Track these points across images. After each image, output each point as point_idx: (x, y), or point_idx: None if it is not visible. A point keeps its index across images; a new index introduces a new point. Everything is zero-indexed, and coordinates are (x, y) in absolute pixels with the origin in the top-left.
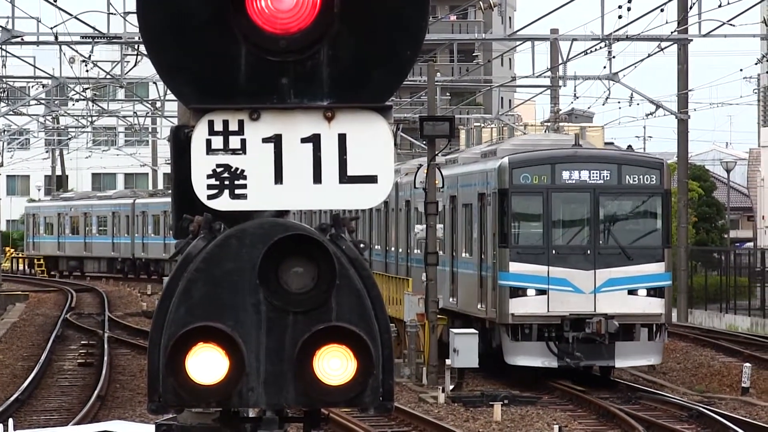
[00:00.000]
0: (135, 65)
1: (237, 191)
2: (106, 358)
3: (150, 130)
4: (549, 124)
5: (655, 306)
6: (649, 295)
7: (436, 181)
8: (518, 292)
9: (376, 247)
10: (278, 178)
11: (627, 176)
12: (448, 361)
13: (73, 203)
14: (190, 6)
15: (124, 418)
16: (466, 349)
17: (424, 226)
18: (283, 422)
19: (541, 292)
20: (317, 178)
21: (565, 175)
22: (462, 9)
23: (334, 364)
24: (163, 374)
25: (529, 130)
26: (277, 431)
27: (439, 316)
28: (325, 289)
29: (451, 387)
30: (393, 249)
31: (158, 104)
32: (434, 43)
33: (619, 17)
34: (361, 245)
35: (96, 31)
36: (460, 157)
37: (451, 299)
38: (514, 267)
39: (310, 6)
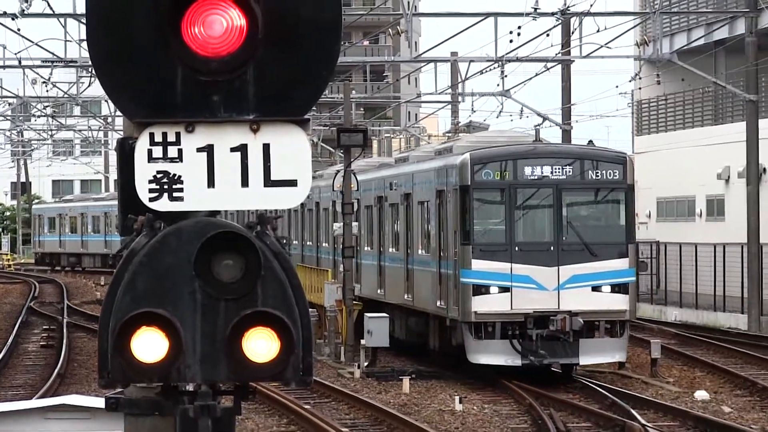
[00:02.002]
0: (89, 86)
1: (175, 194)
2: (65, 341)
3: (102, 142)
4: (450, 134)
5: (620, 302)
6: (613, 291)
7: (352, 185)
8: (481, 289)
9: (308, 243)
10: (211, 182)
11: (590, 171)
12: (362, 341)
13: (72, 204)
14: (133, 34)
15: (81, 393)
16: (378, 330)
17: (341, 224)
18: (216, 395)
19: (504, 289)
20: (245, 182)
21: (527, 170)
22: (374, 35)
23: (260, 344)
24: (111, 354)
25: (433, 140)
26: (211, 402)
27: (355, 302)
28: (252, 279)
29: (366, 364)
30: (310, 243)
31: (109, 119)
32: (349, 64)
33: (510, 41)
34: (283, 240)
35: (55, 56)
36: (411, 155)
37: (406, 296)
38: (477, 264)
39: (238, 33)
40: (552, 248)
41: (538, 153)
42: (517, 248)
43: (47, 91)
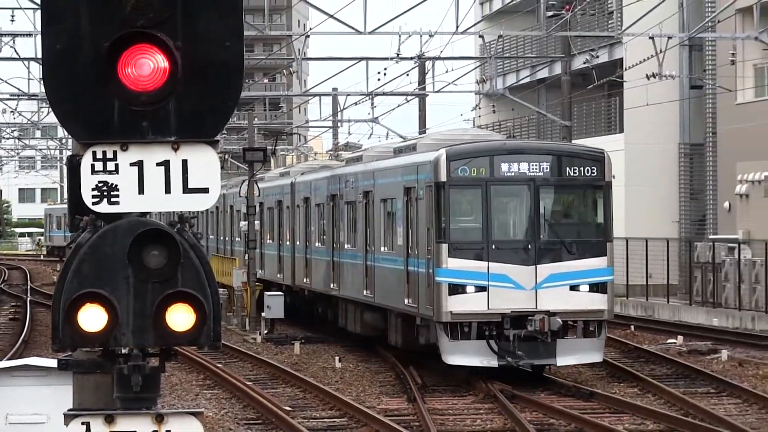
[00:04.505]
0: (47, 114)
1: (112, 199)
2: (28, 315)
3: (58, 158)
4: (332, 152)
5: (598, 302)
6: (591, 290)
7: (255, 192)
8: (457, 289)
9: (238, 239)
10: (141, 189)
11: (567, 168)
12: (263, 314)
13: None
14: (79, 74)
15: (40, 356)
16: (275, 305)
17: (246, 222)
18: (145, 357)
19: (480, 288)
20: (168, 189)
21: (504, 167)
22: (271, 74)
23: (180, 317)
24: (62, 325)
25: (318, 157)
26: (141, 363)
27: (257, 283)
28: (173, 266)
29: (266, 331)
30: (223, 238)
31: (63, 141)
32: (252, 97)
33: (378, 79)
34: (198, 235)
35: (20, 91)
36: (365, 155)
37: (366, 292)
38: (453, 263)
39: (162, 73)
40: (529, 246)
41: (516, 149)
42: (494, 246)
43: (14, 118)
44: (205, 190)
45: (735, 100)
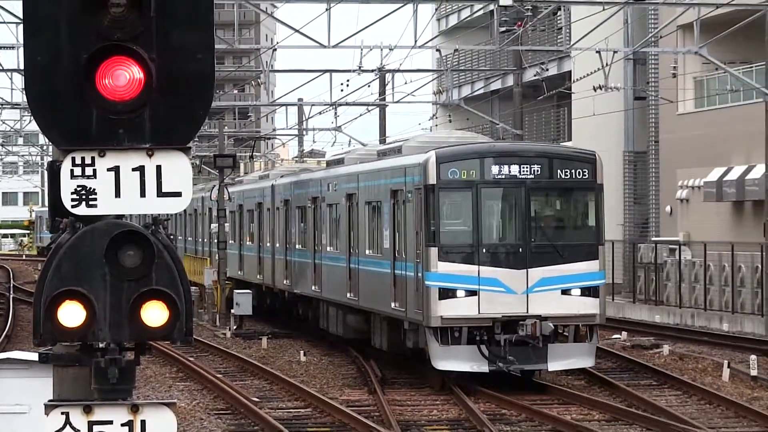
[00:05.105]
0: (30, 122)
1: (90, 202)
2: (11, 311)
3: (39, 164)
4: (297, 159)
5: (590, 306)
6: (583, 294)
7: (225, 196)
8: (447, 293)
9: (203, 240)
10: (117, 193)
11: (559, 170)
12: (232, 311)
13: None
14: (59, 84)
15: (22, 350)
16: (244, 302)
17: (216, 224)
18: (122, 351)
19: (471, 293)
20: (143, 193)
21: (495, 169)
22: (241, 85)
23: (154, 313)
24: (43, 321)
25: (285, 163)
26: (118, 356)
27: (227, 282)
28: (148, 265)
29: (235, 327)
30: (201, 239)
31: (44, 147)
32: (222, 107)
33: (342, 90)
34: (171, 236)
35: (3, 100)
36: (347, 158)
37: (349, 294)
38: (443, 267)
39: (137, 84)
40: (521, 250)
41: (507, 151)
42: (484, 250)
43: None
44: (178, 194)
45: (676, 110)
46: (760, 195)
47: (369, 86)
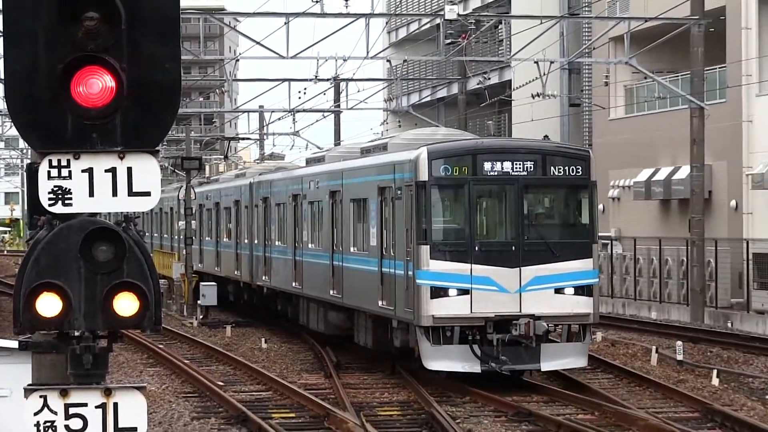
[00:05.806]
0: (10, 128)
1: (66, 201)
2: None
3: (19, 166)
4: (258, 161)
5: (583, 305)
6: (576, 293)
7: (192, 196)
8: (439, 292)
9: (164, 235)
10: (91, 193)
11: (552, 167)
12: (199, 302)
13: None
14: (36, 91)
15: (3, 338)
16: (210, 294)
17: (184, 221)
18: (96, 339)
19: (463, 291)
20: (114, 193)
21: (487, 166)
22: (206, 93)
23: (125, 304)
24: (22, 311)
25: (247, 165)
26: (92, 344)
27: (193, 275)
28: (120, 259)
29: (201, 317)
30: (177, 236)
31: (24, 151)
32: (189, 113)
33: (299, 97)
34: (141, 232)
35: None
36: (328, 155)
37: (332, 292)
38: (434, 265)
39: (109, 91)
40: (514, 248)
41: (500, 148)
42: (477, 248)
43: None
44: (148, 194)
45: (608, 116)
46: (685, 194)
47: (325, 94)
